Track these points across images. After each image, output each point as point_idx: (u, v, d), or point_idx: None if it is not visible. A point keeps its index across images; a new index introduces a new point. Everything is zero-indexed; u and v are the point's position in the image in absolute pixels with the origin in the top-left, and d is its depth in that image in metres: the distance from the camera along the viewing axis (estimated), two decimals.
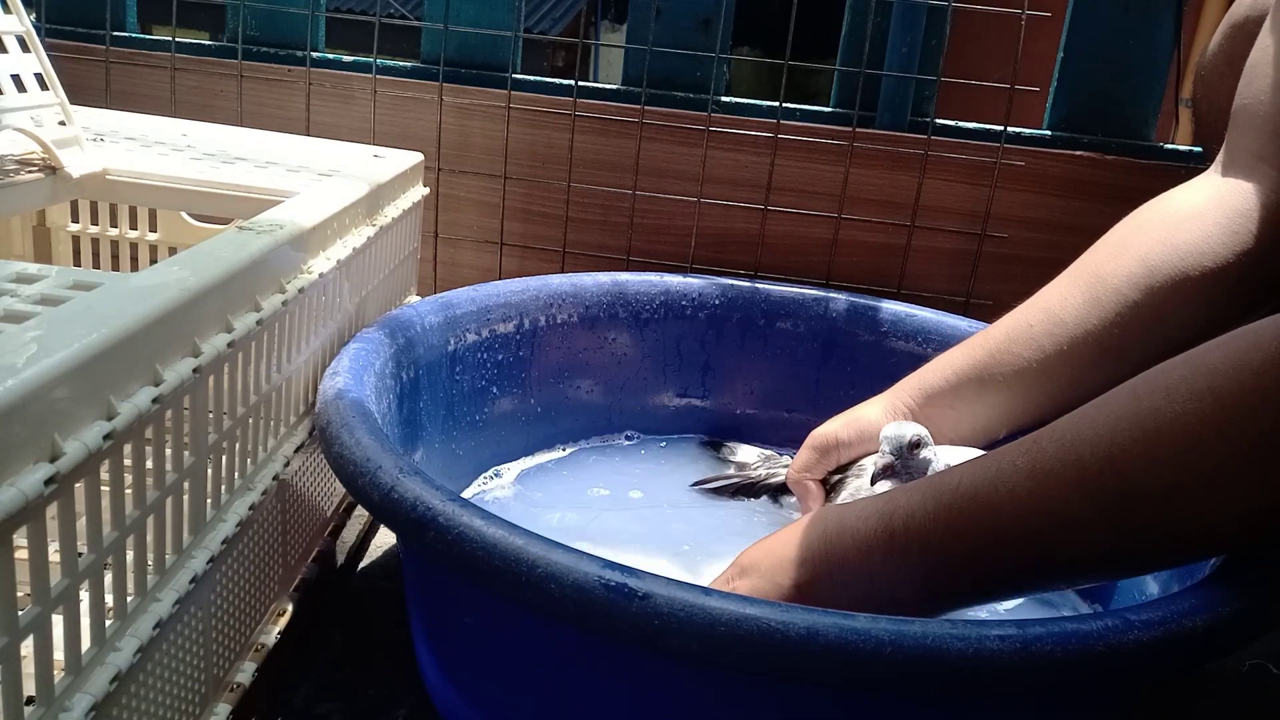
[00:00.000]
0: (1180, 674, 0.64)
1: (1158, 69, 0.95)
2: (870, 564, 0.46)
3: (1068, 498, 0.42)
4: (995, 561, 0.44)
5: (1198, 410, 0.39)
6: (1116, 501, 0.41)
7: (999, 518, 0.43)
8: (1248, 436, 0.38)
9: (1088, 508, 0.41)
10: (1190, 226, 0.59)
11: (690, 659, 0.41)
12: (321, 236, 0.58)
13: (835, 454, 0.69)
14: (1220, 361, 0.40)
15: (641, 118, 0.96)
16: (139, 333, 0.38)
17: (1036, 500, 0.42)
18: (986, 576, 0.45)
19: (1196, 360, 0.41)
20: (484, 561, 0.41)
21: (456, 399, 0.76)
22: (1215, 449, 0.39)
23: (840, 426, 0.70)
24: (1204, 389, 0.39)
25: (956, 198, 0.96)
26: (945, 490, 0.45)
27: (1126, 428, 0.41)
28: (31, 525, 0.31)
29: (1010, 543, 0.43)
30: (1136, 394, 0.42)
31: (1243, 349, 0.39)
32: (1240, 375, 0.39)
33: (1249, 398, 0.38)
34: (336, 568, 0.68)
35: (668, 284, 0.86)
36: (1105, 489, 0.41)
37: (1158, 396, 0.41)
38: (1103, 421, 0.42)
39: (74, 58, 0.99)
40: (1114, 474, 0.41)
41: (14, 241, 0.83)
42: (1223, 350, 0.40)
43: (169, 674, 0.44)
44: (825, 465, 0.70)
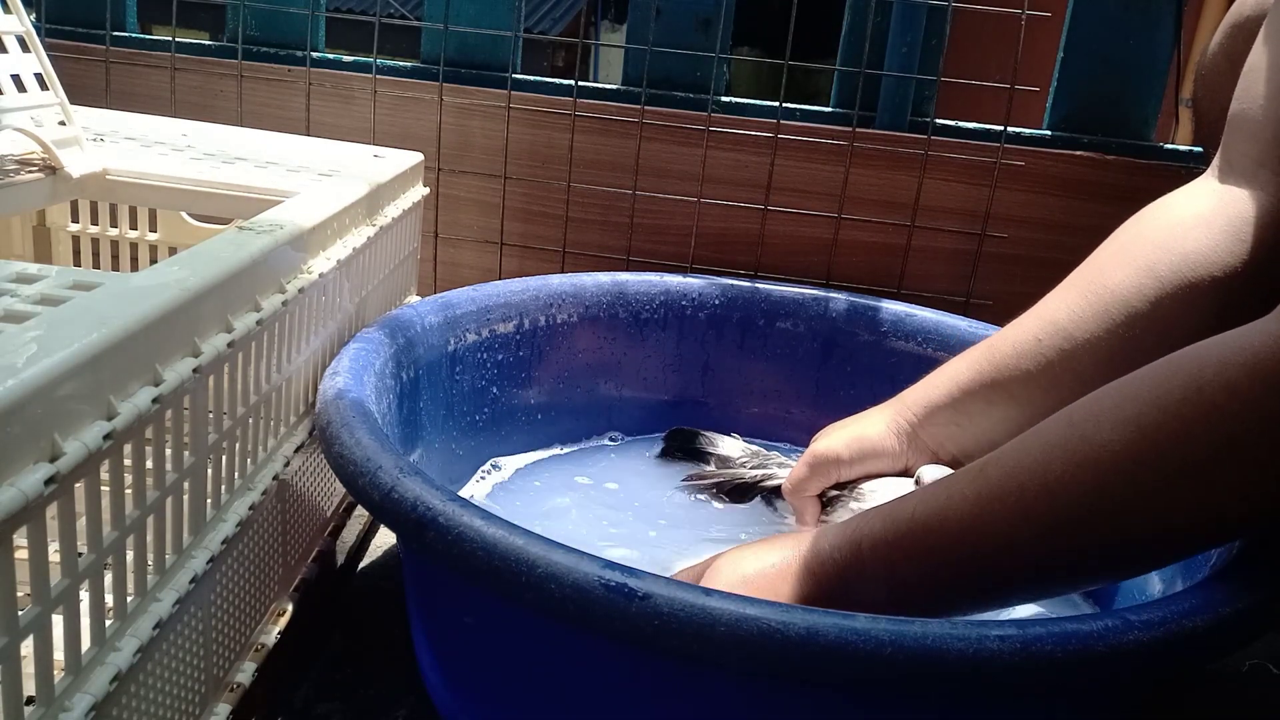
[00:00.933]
0: (1180, 674, 0.64)
1: (1158, 69, 0.95)
2: (847, 588, 0.49)
3: (1010, 522, 0.44)
4: (949, 582, 0.47)
5: (1122, 439, 0.42)
6: (1051, 525, 0.43)
7: (948, 542, 0.46)
8: (1168, 465, 0.41)
9: (1027, 530, 0.44)
10: (1196, 235, 0.59)
11: (690, 659, 0.41)
12: (321, 236, 0.58)
13: (834, 472, 0.69)
14: (1147, 391, 0.42)
15: (641, 118, 0.96)
16: (139, 333, 0.38)
17: (982, 523, 0.45)
18: (942, 595, 0.47)
19: (1127, 388, 0.43)
20: (484, 561, 0.41)
21: (456, 399, 0.76)
22: (1138, 476, 0.41)
23: (842, 446, 0.69)
24: (1129, 418, 0.42)
25: (956, 198, 0.96)
26: (901, 519, 0.48)
27: (1059, 455, 0.43)
28: (31, 525, 0.31)
29: (959, 564, 0.46)
30: (1071, 421, 0.45)
31: (1167, 377, 0.42)
32: (1163, 404, 0.41)
33: (1169, 426, 0.40)
34: (336, 568, 0.68)
35: (668, 284, 0.86)
36: (1042, 513, 0.43)
37: (1088, 424, 0.43)
38: (1038, 449, 0.45)
39: (74, 58, 0.99)
40: (1048, 499, 0.43)
41: (14, 241, 0.83)
42: (1150, 379, 0.43)
43: (169, 674, 0.44)
44: (822, 482, 0.69)
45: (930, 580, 0.47)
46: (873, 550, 0.48)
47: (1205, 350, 0.42)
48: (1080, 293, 0.63)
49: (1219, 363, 0.40)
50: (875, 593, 0.48)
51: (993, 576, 0.46)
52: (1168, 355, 0.43)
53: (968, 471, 0.48)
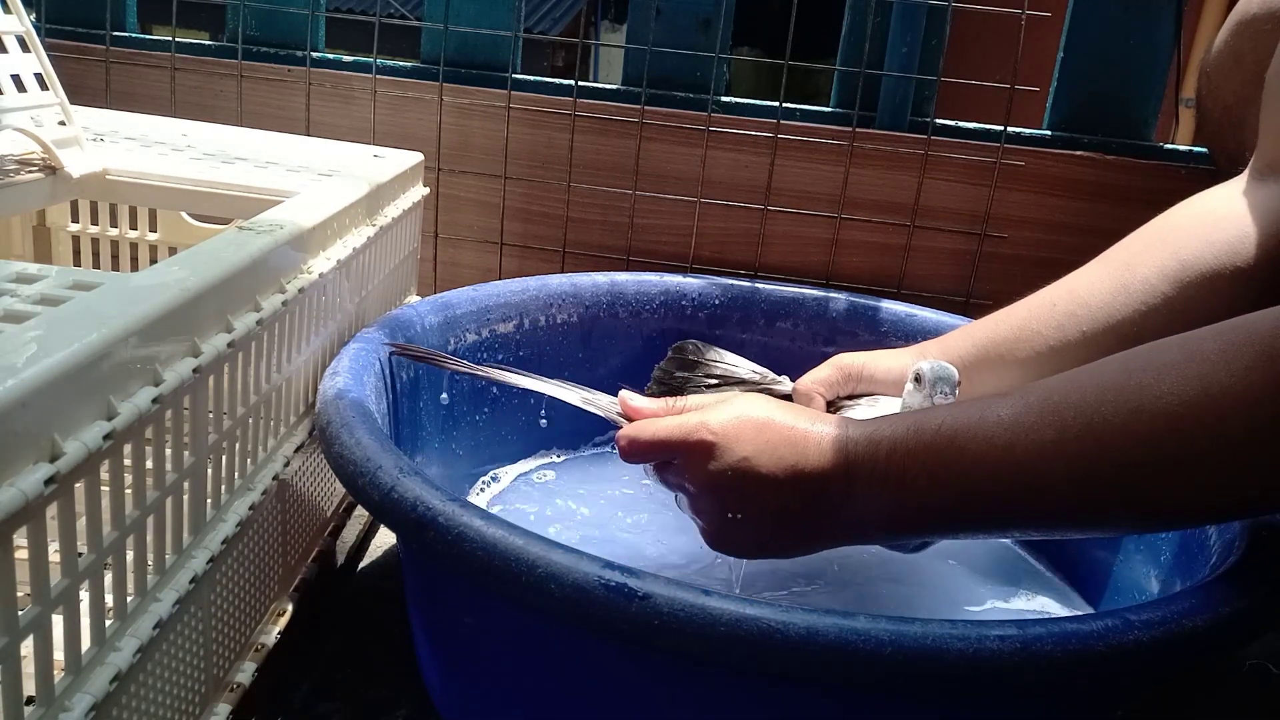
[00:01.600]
0: (1180, 674, 0.64)
1: (1158, 69, 0.95)
2: (851, 483, 0.47)
3: (1042, 454, 0.42)
4: (961, 503, 0.45)
5: (1182, 395, 0.40)
6: (1087, 467, 0.42)
7: (972, 463, 0.44)
8: (1228, 430, 0.39)
9: (1059, 466, 0.42)
10: (1226, 226, 0.59)
11: (690, 659, 0.41)
12: (321, 236, 0.58)
13: (854, 382, 0.68)
14: (1214, 350, 0.40)
15: (641, 118, 0.96)
16: (139, 333, 0.38)
17: (1011, 451, 0.43)
18: (949, 515, 0.46)
19: (1191, 344, 0.41)
20: (484, 561, 0.41)
21: (457, 399, 0.76)
22: (1194, 436, 0.39)
23: (868, 359, 0.68)
24: (1193, 375, 0.40)
25: (956, 198, 0.96)
26: (927, 429, 0.46)
27: (1112, 398, 0.41)
28: (31, 525, 0.31)
29: (978, 490, 0.44)
30: (1128, 368, 0.42)
31: (1237, 342, 0.40)
32: (1231, 367, 0.39)
33: (1235, 390, 0.39)
34: (336, 568, 0.68)
35: (667, 284, 0.86)
36: (1079, 454, 0.42)
37: (1148, 374, 0.41)
38: (1091, 388, 0.43)
39: (74, 58, 0.99)
40: (1092, 440, 0.41)
41: (14, 241, 0.83)
42: (1217, 339, 0.41)
43: (169, 674, 0.44)
44: (840, 388, 0.68)
45: (941, 496, 0.45)
46: (890, 453, 0.46)
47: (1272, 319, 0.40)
48: (1105, 268, 0.63)
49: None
50: (878, 497, 0.46)
51: (1010, 505, 0.44)
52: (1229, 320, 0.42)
53: (1007, 394, 0.45)
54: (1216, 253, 0.59)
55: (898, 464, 0.46)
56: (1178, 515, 0.44)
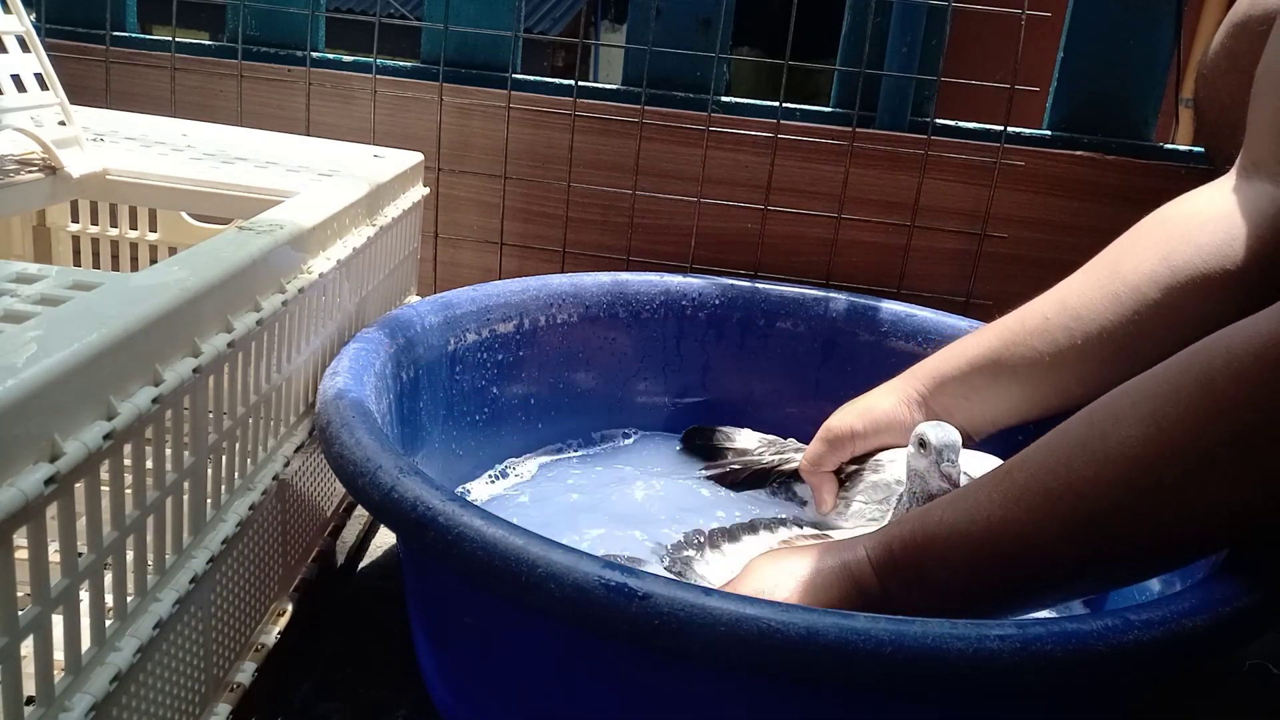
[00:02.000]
0: (1180, 674, 0.64)
1: (1158, 69, 0.95)
2: (885, 591, 0.49)
3: (1037, 523, 0.45)
4: (977, 584, 0.47)
5: (1142, 435, 0.42)
6: (1077, 524, 0.44)
7: (974, 545, 0.46)
8: (1187, 460, 0.41)
9: (1053, 530, 0.44)
10: (1214, 228, 0.59)
11: (690, 659, 0.41)
12: (321, 236, 0.58)
13: (850, 446, 0.69)
14: (1163, 386, 0.43)
15: (641, 118, 0.96)
16: (139, 333, 0.38)
17: (1009, 525, 0.45)
18: (971, 598, 0.48)
19: (1143, 384, 0.44)
20: (484, 561, 0.41)
21: (456, 399, 0.76)
22: (1159, 471, 0.42)
23: (855, 418, 0.69)
24: (1147, 414, 0.42)
25: (956, 198, 0.96)
26: (930, 521, 0.48)
27: (1081, 454, 0.44)
28: (31, 525, 0.31)
29: (987, 567, 0.46)
30: (1091, 420, 0.45)
31: (1180, 371, 0.43)
32: (1177, 399, 0.42)
33: (1184, 421, 0.41)
34: (336, 568, 0.68)
35: (668, 284, 0.86)
36: (1067, 513, 0.44)
37: (1108, 422, 0.44)
38: (1063, 448, 0.45)
39: (74, 58, 0.99)
40: (1073, 498, 0.44)
41: (14, 241, 0.83)
42: (1164, 375, 0.43)
43: (169, 674, 0.44)
44: (839, 458, 0.70)
45: (959, 583, 0.47)
46: (903, 552, 0.48)
47: (1215, 342, 0.42)
48: (1094, 277, 0.63)
49: (1226, 353, 0.40)
50: (908, 595, 0.48)
51: (1020, 578, 0.46)
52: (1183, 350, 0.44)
53: (994, 474, 0.48)
54: (1205, 256, 0.59)
55: (912, 560, 0.48)
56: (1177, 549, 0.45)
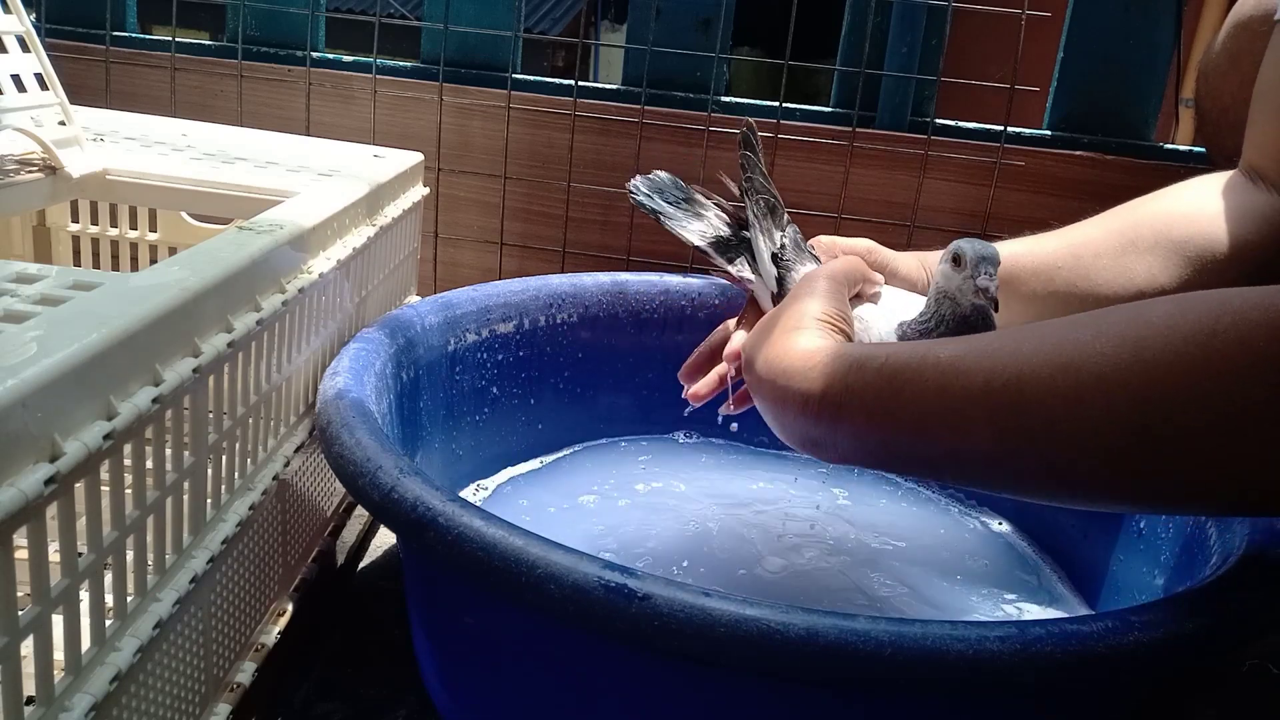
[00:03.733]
0: (1180, 674, 0.64)
1: (1158, 69, 0.95)
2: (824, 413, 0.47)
3: (969, 398, 0.41)
4: (892, 440, 0.45)
5: (1114, 356, 0.38)
6: (1008, 417, 0.40)
7: (902, 403, 0.44)
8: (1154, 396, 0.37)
9: (980, 414, 0.41)
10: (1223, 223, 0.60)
11: (690, 660, 0.41)
12: (321, 236, 0.58)
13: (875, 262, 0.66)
14: (1158, 319, 0.39)
15: (641, 118, 0.96)
16: (139, 333, 0.38)
17: (941, 395, 0.42)
18: (887, 453, 0.46)
19: (1140, 310, 0.40)
20: (484, 561, 0.41)
21: (456, 399, 0.76)
22: (1118, 397, 0.38)
23: (894, 257, 0.67)
24: (1131, 338, 0.38)
25: (956, 198, 0.96)
26: (870, 366, 0.46)
27: (1047, 351, 0.40)
28: (31, 525, 0.31)
29: (905, 428, 0.44)
30: (1074, 322, 0.41)
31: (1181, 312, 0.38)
32: (1169, 336, 0.37)
33: (1168, 361, 0.37)
34: (336, 568, 0.68)
35: (668, 284, 0.86)
36: (1003, 403, 0.40)
37: (1087, 331, 0.40)
38: (1030, 339, 0.41)
39: (74, 58, 0.99)
40: (1016, 390, 0.40)
41: (14, 241, 0.83)
42: (1166, 308, 0.39)
43: (169, 674, 0.44)
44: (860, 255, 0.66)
45: (876, 433, 0.45)
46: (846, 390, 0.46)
47: (1225, 298, 0.38)
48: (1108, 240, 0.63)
49: (1236, 313, 0.36)
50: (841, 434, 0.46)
51: (934, 448, 0.43)
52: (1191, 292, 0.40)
53: (956, 339, 0.45)
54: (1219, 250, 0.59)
55: (852, 399, 0.46)
56: (1097, 491, 0.41)
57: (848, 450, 0.47)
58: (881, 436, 0.45)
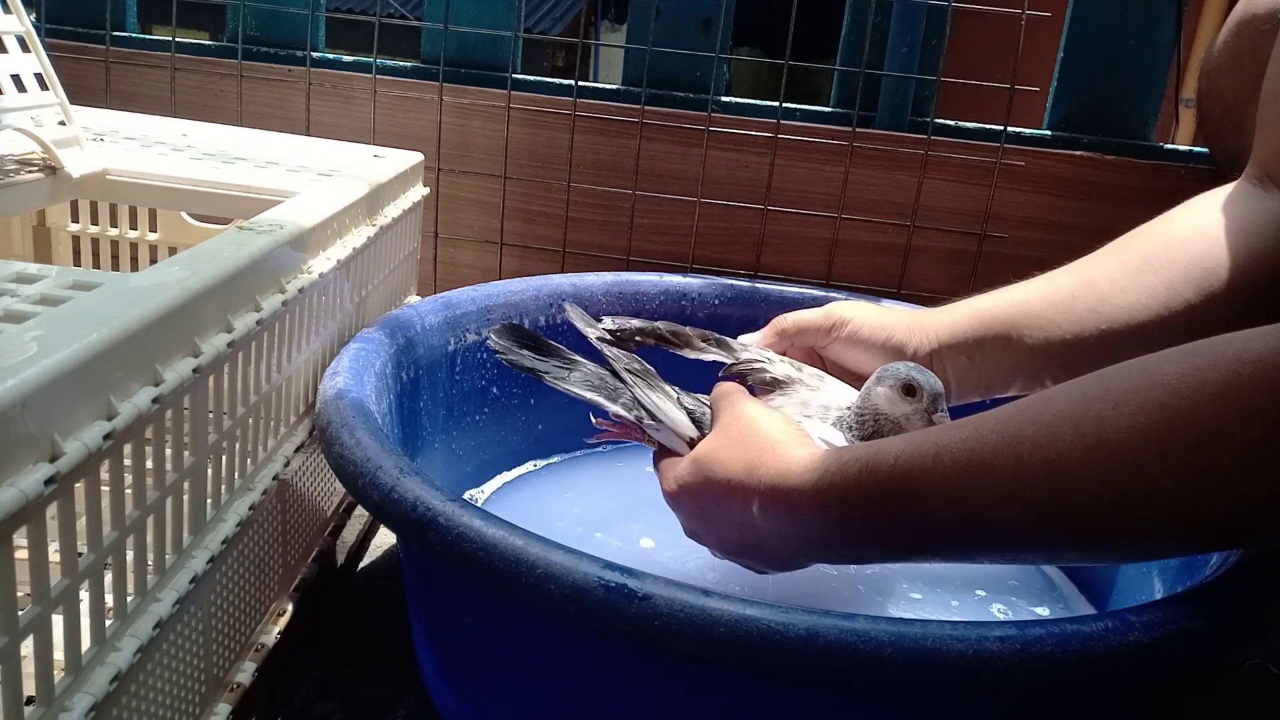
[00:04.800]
0: (1180, 674, 0.64)
1: (1158, 69, 0.95)
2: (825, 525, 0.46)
3: (999, 492, 0.41)
4: (919, 542, 0.44)
5: (1144, 428, 0.38)
6: (1045, 506, 0.40)
7: (928, 506, 0.43)
8: (1193, 462, 0.37)
9: (1016, 505, 0.40)
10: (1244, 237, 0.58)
11: (690, 660, 0.41)
12: (321, 236, 0.58)
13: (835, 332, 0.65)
14: (1176, 379, 0.38)
15: (641, 118, 0.96)
16: (139, 333, 0.38)
17: (967, 490, 0.42)
18: (911, 551, 0.45)
19: (1152, 370, 0.40)
20: (484, 562, 0.41)
21: (457, 399, 0.76)
22: (1158, 470, 0.38)
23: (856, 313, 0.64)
24: (1155, 406, 0.38)
25: (956, 198, 0.96)
26: (881, 469, 0.44)
27: (1069, 433, 0.40)
28: (31, 525, 0.31)
29: (933, 531, 0.43)
30: (1086, 397, 0.41)
31: (1201, 367, 0.38)
32: (1193, 397, 0.37)
33: (1200, 422, 0.37)
34: (336, 568, 0.68)
35: (668, 284, 0.86)
36: (1036, 491, 0.40)
37: (1106, 404, 0.39)
38: (1047, 421, 0.41)
39: (74, 58, 0.99)
40: (1047, 476, 0.40)
41: (14, 241, 0.83)
42: (1180, 365, 0.39)
43: (169, 674, 0.44)
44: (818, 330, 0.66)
45: (901, 536, 0.44)
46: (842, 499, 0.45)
47: (1244, 344, 0.38)
48: (1124, 263, 0.61)
49: (1258, 360, 0.36)
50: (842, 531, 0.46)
51: (968, 543, 0.43)
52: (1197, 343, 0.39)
53: (962, 427, 0.43)
54: (1236, 261, 0.57)
55: (853, 507, 0.45)
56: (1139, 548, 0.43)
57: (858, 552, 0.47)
58: (905, 542, 0.45)
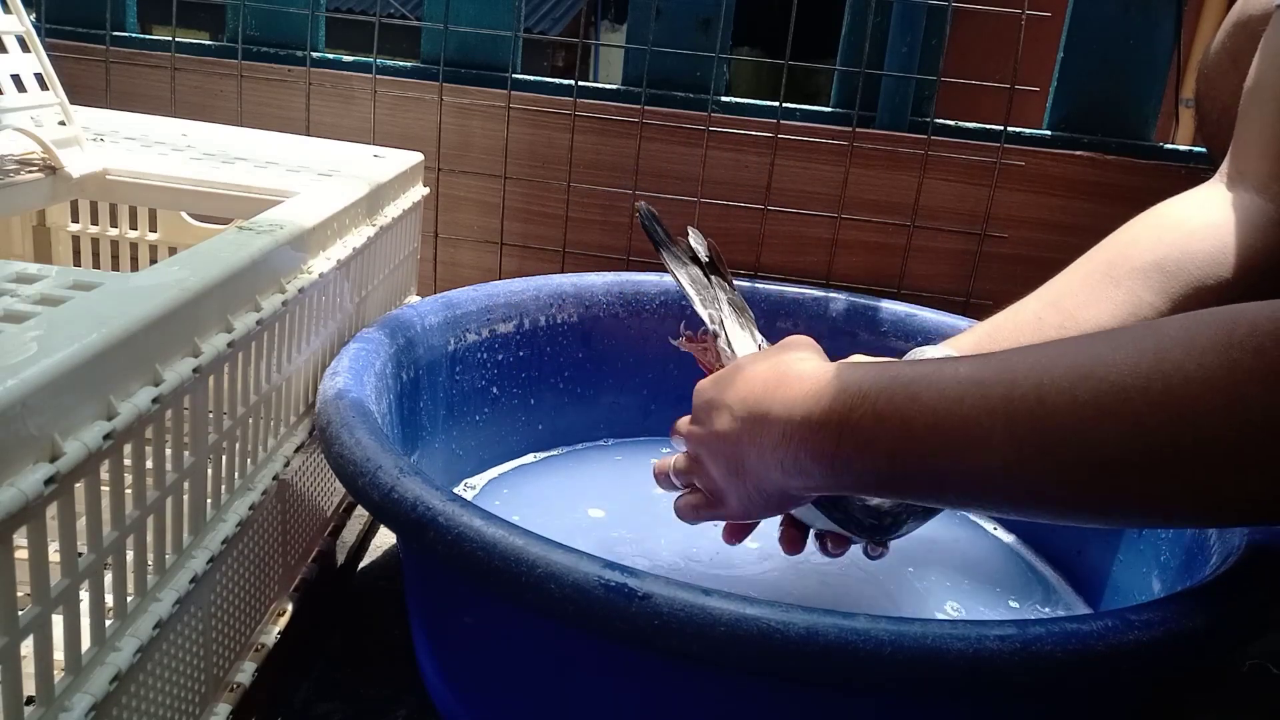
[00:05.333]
0: (1180, 674, 0.64)
1: (1158, 69, 0.95)
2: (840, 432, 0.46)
3: (987, 408, 0.41)
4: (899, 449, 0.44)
5: (1132, 362, 0.39)
6: (1027, 426, 0.40)
7: (918, 410, 0.43)
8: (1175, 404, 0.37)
9: (999, 423, 0.41)
10: (1206, 236, 0.59)
11: (690, 659, 0.41)
12: (321, 236, 0.58)
13: None
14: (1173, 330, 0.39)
15: (641, 118, 0.96)
16: (139, 333, 0.38)
17: (959, 404, 0.42)
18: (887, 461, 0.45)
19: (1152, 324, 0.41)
20: (484, 561, 0.41)
21: (457, 399, 0.76)
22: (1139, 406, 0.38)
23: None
24: (1149, 347, 0.39)
25: (956, 198, 0.96)
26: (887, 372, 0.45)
27: (1066, 363, 0.41)
28: (31, 525, 0.31)
29: (917, 436, 0.43)
30: (1092, 339, 0.42)
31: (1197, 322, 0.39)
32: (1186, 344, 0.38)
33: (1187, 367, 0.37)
34: (336, 568, 0.68)
35: (668, 284, 0.86)
36: (1022, 411, 0.40)
37: (1102, 343, 0.41)
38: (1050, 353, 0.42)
39: (74, 58, 0.99)
40: (1036, 399, 0.40)
41: (14, 241, 0.83)
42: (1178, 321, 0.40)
43: (169, 674, 0.44)
44: None
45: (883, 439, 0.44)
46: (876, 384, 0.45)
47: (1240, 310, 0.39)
48: (1088, 279, 0.62)
49: (1251, 324, 0.37)
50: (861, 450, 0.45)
51: (947, 458, 0.43)
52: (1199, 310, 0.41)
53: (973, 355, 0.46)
54: (1199, 265, 0.58)
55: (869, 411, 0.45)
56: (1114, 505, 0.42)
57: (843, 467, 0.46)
58: (890, 446, 0.44)
